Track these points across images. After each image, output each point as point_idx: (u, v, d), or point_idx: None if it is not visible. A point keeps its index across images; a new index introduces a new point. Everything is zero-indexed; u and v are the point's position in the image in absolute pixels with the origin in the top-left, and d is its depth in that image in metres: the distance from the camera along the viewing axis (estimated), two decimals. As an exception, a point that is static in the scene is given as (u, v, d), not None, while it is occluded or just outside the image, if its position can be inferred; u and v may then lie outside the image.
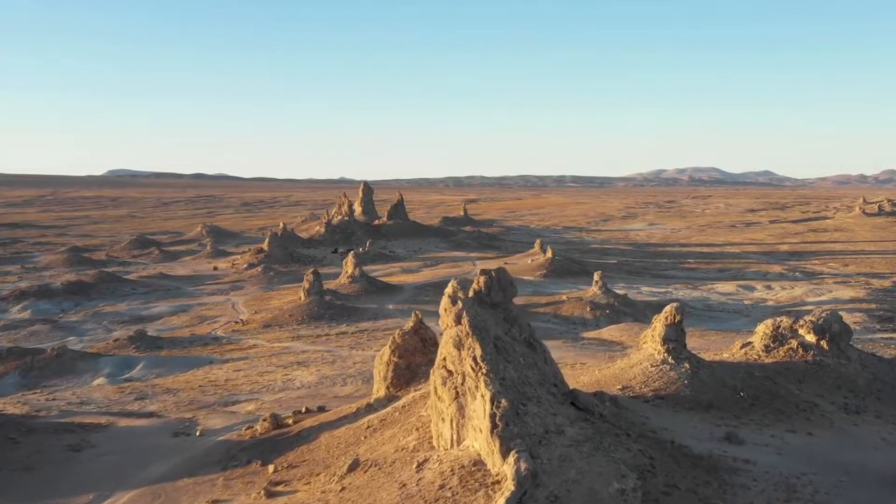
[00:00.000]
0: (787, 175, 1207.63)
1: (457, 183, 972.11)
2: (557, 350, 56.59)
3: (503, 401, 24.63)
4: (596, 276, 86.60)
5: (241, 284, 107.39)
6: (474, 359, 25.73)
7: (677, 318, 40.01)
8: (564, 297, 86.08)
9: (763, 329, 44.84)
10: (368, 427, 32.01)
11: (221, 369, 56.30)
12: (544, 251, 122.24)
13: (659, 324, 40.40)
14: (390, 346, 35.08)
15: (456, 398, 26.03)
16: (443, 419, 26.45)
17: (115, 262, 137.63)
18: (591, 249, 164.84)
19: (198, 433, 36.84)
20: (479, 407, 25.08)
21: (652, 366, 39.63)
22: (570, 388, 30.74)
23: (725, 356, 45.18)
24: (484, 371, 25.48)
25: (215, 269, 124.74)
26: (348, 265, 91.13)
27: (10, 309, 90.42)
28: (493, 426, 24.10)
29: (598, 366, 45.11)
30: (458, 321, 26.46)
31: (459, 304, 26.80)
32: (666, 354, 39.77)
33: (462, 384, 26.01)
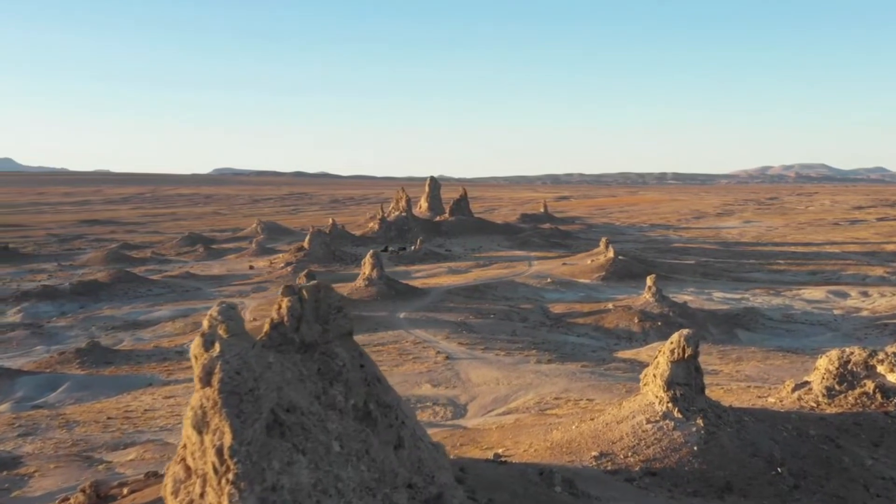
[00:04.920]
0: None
1: (554, 180, 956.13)
2: (566, 378, 44.58)
3: (254, 535, 13.28)
4: (649, 281, 73.23)
5: (267, 286, 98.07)
6: (219, 452, 14.32)
7: (688, 351, 27.51)
8: (611, 306, 73.13)
9: (826, 364, 31.71)
10: (167, 524, 20.92)
11: (153, 395, 46.33)
12: (608, 250, 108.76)
13: (663, 359, 28.01)
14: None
15: (193, 519, 14.67)
16: (181, 551, 15.12)
17: (155, 259, 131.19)
18: (672, 248, 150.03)
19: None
20: (225, 540, 13.78)
21: (649, 421, 27.29)
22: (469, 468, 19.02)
23: (771, 401, 32.24)
24: (231, 476, 14.08)
25: (251, 268, 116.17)
26: (366, 266, 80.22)
27: (6, 311, 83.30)
28: (228, 585, 12.80)
29: (586, 413, 32.89)
30: (206, 381, 15.06)
31: (216, 348, 15.39)
32: (670, 405, 27.36)
33: (201, 496, 14.62)
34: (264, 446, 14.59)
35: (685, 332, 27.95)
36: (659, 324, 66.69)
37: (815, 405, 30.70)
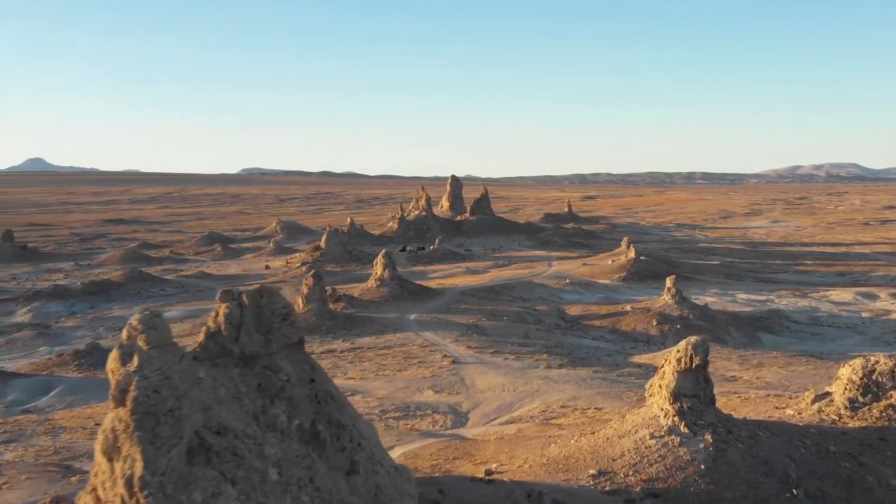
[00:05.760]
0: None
1: (581, 180, 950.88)
2: (575, 384, 42.43)
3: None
4: (668, 282, 70.70)
5: (281, 286, 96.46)
6: (129, 482, 12.45)
7: (696, 360, 25.34)
8: (628, 308, 70.73)
9: (849, 374, 29.33)
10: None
11: (147, 399, 44.65)
12: (630, 250, 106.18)
13: (669, 368, 25.87)
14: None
15: (101, 559, 12.83)
16: None
17: (173, 259, 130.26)
18: (697, 248, 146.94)
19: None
20: (133, 585, 11.91)
21: (652, 436, 25.16)
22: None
23: (789, 413, 29.94)
24: (140, 511, 12.19)
25: (267, 267, 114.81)
26: (378, 266, 78.36)
27: (16, 311, 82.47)
28: None
29: (588, 426, 30.74)
30: (120, 399, 13.22)
31: (134, 362, 13.55)
32: (676, 419, 25.20)
33: (110, 532, 12.76)
34: (183, 476, 12.70)
35: (693, 339, 25.79)
36: (678, 326, 64.24)
37: (836, 418, 28.38)
